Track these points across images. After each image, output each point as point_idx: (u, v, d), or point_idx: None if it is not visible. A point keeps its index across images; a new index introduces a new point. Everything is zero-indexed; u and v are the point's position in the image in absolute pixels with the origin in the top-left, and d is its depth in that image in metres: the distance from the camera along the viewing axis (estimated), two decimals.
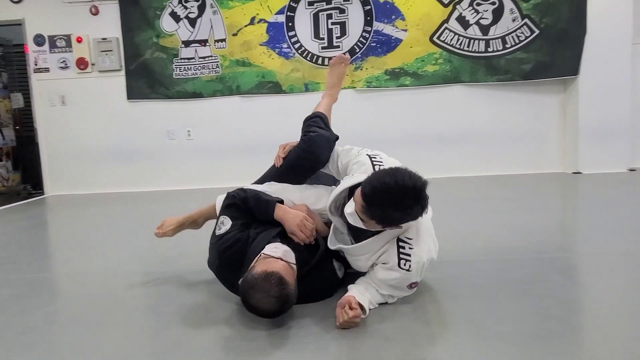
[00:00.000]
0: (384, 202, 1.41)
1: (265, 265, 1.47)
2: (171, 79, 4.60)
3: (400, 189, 1.39)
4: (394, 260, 1.58)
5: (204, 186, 4.63)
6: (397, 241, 1.57)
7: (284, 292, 1.42)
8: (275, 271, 1.44)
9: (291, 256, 1.56)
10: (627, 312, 1.57)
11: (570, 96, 4.34)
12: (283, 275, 1.44)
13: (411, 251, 1.57)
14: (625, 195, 3.45)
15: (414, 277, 1.59)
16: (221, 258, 1.69)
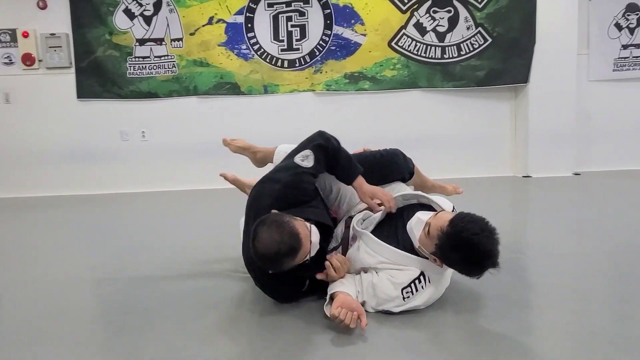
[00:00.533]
0: (459, 256, 1.44)
1: (294, 222, 1.48)
2: (125, 78, 4.44)
3: (481, 254, 1.42)
4: (402, 280, 1.56)
5: (159, 189, 4.50)
6: (421, 274, 1.57)
7: (290, 244, 1.43)
8: (296, 228, 1.45)
9: (316, 239, 1.55)
10: (574, 311, 1.64)
11: (521, 103, 4.52)
12: (301, 237, 1.45)
13: (422, 290, 1.56)
14: (570, 198, 3.62)
15: (398, 308, 1.57)
16: (289, 187, 1.67)
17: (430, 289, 1.58)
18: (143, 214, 3.60)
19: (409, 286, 1.56)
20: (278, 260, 1.46)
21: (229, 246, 2.56)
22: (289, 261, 1.47)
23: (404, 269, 1.58)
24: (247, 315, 1.67)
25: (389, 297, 1.57)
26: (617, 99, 4.56)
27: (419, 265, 1.58)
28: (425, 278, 1.57)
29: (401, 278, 1.57)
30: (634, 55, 4.50)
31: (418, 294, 1.57)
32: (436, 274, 1.58)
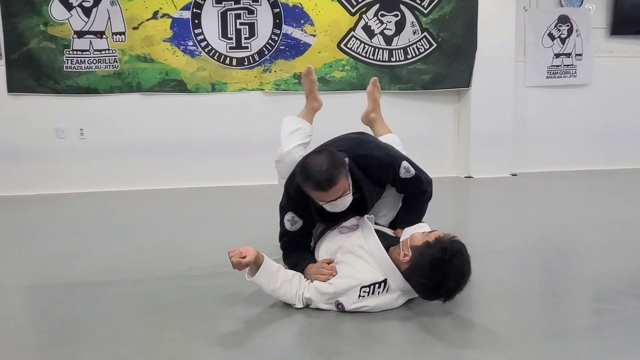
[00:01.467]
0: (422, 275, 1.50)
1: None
2: (61, 72, 4.19)
3: (442, 281, 1.47)
4: (365, 278, 1.60)
5: (99, 189, 4.29)
6: (384, 280, 1.61)
7: (334, 158, 1.64)
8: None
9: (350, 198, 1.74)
10: (511, 305, 1.72)
11: (463, 106, 4.71)
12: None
13: (377, 296, 1.60)
14: (508, 198, 3.81)
15: (352, 305, 1.60)
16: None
17: (386, 298, 1.61)
18: (81, 216, 3.41)
19: (368, 287, 1.59)
20: (329, 170, 1.60)
21: (173, 249, 2.49)
22: (337, 174, 1.61)
23: (371, 268, 1.62)
24: (193, 321, 1.63)
25: (347, 286, 1.60)
26: (550, 104, 4.85)
27: (387, 271, 1.61)
28: (386, 286, 1.61)
29: (364, 276, 1.60)
30: (565, 63, 4.80)
31: (373, 297, 1.60)
32: (398, 288, 1.61)
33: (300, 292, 1.68)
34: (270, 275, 1.66)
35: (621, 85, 4.88)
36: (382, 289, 1.60)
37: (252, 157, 4.50)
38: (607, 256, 2.25)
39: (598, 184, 4.16)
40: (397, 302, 1.64)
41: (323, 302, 1.64)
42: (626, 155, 4.96)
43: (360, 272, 1.62)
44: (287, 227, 1.87)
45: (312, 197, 1.72)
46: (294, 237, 1.89)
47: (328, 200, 1.67)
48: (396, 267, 1.61)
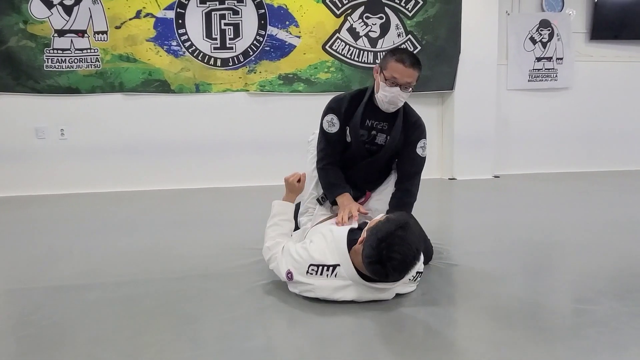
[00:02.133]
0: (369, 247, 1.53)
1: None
2: (41, 71, 4.12)
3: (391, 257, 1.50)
4: (316, 257, 1.67)
5: (79, 190, 4.22)
6: (335, 266, 1.65)
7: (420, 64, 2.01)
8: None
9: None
10: (491, 306, 1.74)
11: (447, 109, 4.75)
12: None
13: (322, 278, 1.66)
14: (491, 199, 3.86)
15: (298, 276, 1.69)
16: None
17: (332, 282, 1.65)
18: (61, 218, 3.35)
19: (316, 266, 1.66)
20: (416, 58, 1.98)
21: (157, 251, 2.46)
22: (421, 67, 1.99)
23: (325, 249, 1.66)
24: (176, 324, 1.61)
25: (299, 259, 1.69)
26: (531, 107, 4.93)
27: (341, 257, 1.64)
28: (335, 271, 1.64)
29: (315, 254, 1.67)
30: (546, 67, 4.89)
31: (320, 278, 1.65)
32: (348, 276, 1.64)
33: (275, 248, 1.83)
34: (283, 213, 1.94)
35: (600, 89, 4.99)
36: (330, 272, 1.64)
37: (236, 159, 4.49)
38: (587, 257, 2.29)
39: (578, 186, 4.24)
40: (346, 291, 1.65)
41: (284, 262, 1.75)
42: (605, 157, 5.07)
43: (315, 250, 1.68)
44: (325, 128, 2.07)
45: (388, 69, 1.94)
46: (330, 149, 2.08)
47: (399, 79, 1.92)
48: (349, 255, 1.63)
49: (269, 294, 1.82)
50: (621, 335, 1.49)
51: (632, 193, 3.94)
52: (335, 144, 2.09)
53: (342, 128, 2.06)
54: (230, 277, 2.04)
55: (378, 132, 2.09)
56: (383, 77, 1.96)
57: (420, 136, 2.10)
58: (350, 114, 2.06)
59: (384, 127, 2.07)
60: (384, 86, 1.96)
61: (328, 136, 2.08)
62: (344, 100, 2.08)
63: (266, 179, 4.49)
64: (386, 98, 1.97)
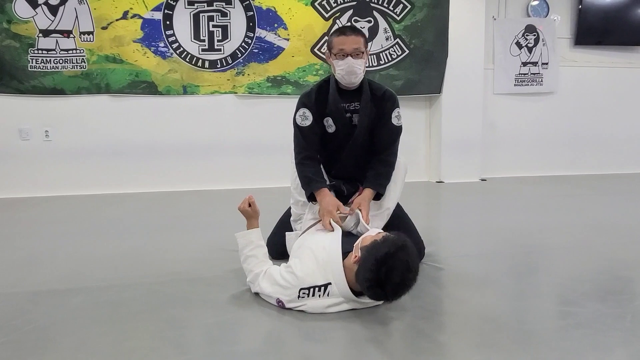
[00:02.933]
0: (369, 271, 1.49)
1: None
2: (25, 72, 4.06)
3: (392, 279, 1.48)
4: (306, 280, 1.63)
5: (64, 193, 4.16)
6: (327, 284, 1.62)
7: (362, 31, 2.09)
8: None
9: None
10: (479, 309, 1.75)
11: (434, 112, 4.79)
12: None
13: (316, 299, 1.63)
14: (477, 202, 3.89)
15: (290, 304, 1.65)
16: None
17: (325, 301, 1.62)
18: (45, 221, 3.30)
19: (307, 289, 1.62)
20: (354, 27, 2.04)
21: (142, 255, 2.43)
22: (362, 33, 2.02)
23: (315, 269, 1.63)
24: (161, 329, 1.59)
25: (288, 285, 1.65)
26: (517, 111, 4.99)
27: (335, 275, 1.61)
28: (327, 290, 1.61)
29: (305, 277, 1.63)
30: (532, 72, 4.95)
31: (313, 299, 1.62)
32: (341, 294, 1.62)
33: (256, 280, 1.77)
34: (249, 243, 1.84)
35: (584, 94, 5.07)
36: (322, 292, 1.61)
37: (224, 161, 4.46)
38: (571, 259, 2.32)
39: (562, 189, 4.30)
40: (335, 308, 1.64)
41: (271, 290, 1.70)
42: (588, 161, 5.15)
43: (304, 272, 1.64)
44: (299, 122, 2.07)
45: (333, 47, 1.98)
46: (306, 143, 2.06)
47: (346, 49, 1.94)
48: (344, 275, 1.61)
49: (257, 298, 1.81)
50: (605, 336, 1.51)
51: (614, 196, 4.00)
52: (310, 137, 2.08)
53: (315, 120, 2.07)
54: (217, 281, 2.02)
55: (352, 114, 2.10)
56: (333, 57, 2.01)
57: (393, 106, 2.12)
58: (323, 104, 2.07)
59: (356, 107, 2.08)
60: (337, 62, 1.99)
61: (302, 130, 2.08)
62: (312, 92, 2.10)
63: (254, 182, 4.48)
64: (343, 71, 1.99)
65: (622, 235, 2.77)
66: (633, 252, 2.41)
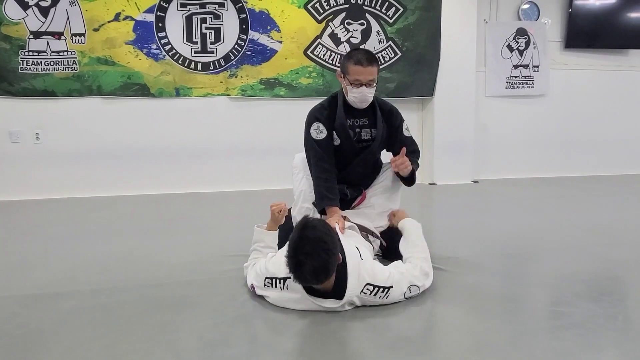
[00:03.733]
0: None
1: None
2: (16, 74, 4.02)
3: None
4: (269, 271, 1.78)
5: (55, 196, 4.12)
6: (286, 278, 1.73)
7: (376, 56, 2.17)
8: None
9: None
10: (473, 310, 1.76)
11: (427, 114, 4.81)
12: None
13: (271, 289, 1.76)
14: (470, 204, 3.91)
15: (257, 289, 1.81)
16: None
17: (285, 294, 1.71)
18: (36, 224, 3.26)
19: (270, 279, 1.74)
20: (372, 54, 2.12)
21: (135, 258, 2.42)
22: (376, 60, 2.11)
23: (280, 262, 1.69)
24: (155, 332, 1.58)
25: (260, 273, 1.79)
26: (509, 113, 5.03)
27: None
28: (286, 284, 1.70)
29: (271, 267, 1.76)
30: (523, 74, 4.99)
31: (274, 290, 1.73)
32: (298, 289, 1.66)
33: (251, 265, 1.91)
34: (260, 240, 1.98)
35: (575, 96, 5.12)
36: (282, 284, 1.70)
37: (217, 164, 4.45)
38: (564, 260, 2.34)
39: (554, 191, 4.33)
40: (297, 304, 1.68)
41: (250, 276, 1.86)
42: (579, 162, 5.19)
43: (273, 263, 1.76)
44: (314, 136, 2.17)
45: (349, 74, 2.08)
46: (323, 154, 2.16)
47: (362, 79, 2.04)
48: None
49: (250, 300, 1.80)
50: (598, 336, 1.52)
51: (605, 198, 4.04)
52: (326, 149, 2.19)
53: (329, 133, 2.18)
54: (210, 284, 2.01)
55: (362, 129, 2.23)
56: (348, 82, 2.11)
57: (401, 120, 2.29)
58: (332, 120, 2.19)
59: (364, 122, 2.22)
60: (351, 89, 2.11)
61: (319, 143, 2.18)
62: (322, 108, 2.22)
63: (247, 184, 4.47)
64: (357, 99, 2.12)
65: (613, 236, 2.79)
66: (624, 252, 2.44)
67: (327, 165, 2.18)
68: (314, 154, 2.19)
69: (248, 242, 2.05)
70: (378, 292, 1.69)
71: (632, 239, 2.72)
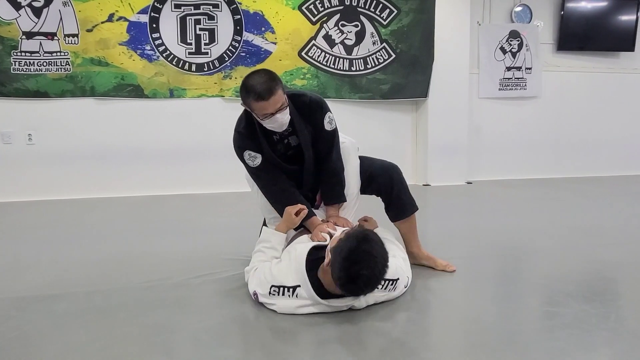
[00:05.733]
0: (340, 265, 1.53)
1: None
2: (8, 74, 3.99)
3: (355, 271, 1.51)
4: (278, 279, 1.71)
5: (47, 197, 4.09)
6: (296, 287, 1.68)
7: (270, 74, 1.87)
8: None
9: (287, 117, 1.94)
10: (468, 311, 1.77)
11: (421, 116, 4.83)
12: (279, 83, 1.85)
13: (284, 298, 1.69)
14: (464, 205, 3.93)
15: (261, 298, 1.74)
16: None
17: (294, 302, 1.66)
18: (29, 226, 3.24)
19: (277, 288, 1.68)
20: (267, 82, 1.82)
21: (129, 260, 2.41)
22: (275, 86, 1.83)
23: (288, 271, 1.68)
24: (149, 334, 1.58)
25: (264, 280, 1.72)
26: (502, 115, 5.06)
27: (300, 279, 1.65)
28: (295, 292, 1.66)
29: (278, 275, 1.70)
30: (516, 76, 5.03)
31: (282, 298, 1.67)
32: (308, 296, 1.65)
33: (251, 271, 1.84)
34: (266, 241, 1.91)
35: (567, 98, 5.16)
36: (292, 293, 1.66)
37: (211, 165, 4.44)
38: (556, 261, 2.36)
39: (546, 192, 4.36)
40: (304, 309, 1.67)
41: (253, 283, 1.78)
42: (571, 164, 5.23)
43: (278, 270, 1.71)
44: (251, 165, 2.02)
45: (255, 110, 1.87)
46: (265, 173, 2.02)
47: (270, 111, 1.83)
48: (308, 279, 1.64)
49: (244, 302, 1.80)
50: (591, 336, 1.54)
51: (597, 199, 4.08)
52: (270, 170, 2.03)
53: (262, 156, 2.00)
54: (204, 286, 2.01)
55: (287, 137, 2.04)
56: (256, 115, 1.90)
57: (322, 114, 2.04)
58: (257, 142, 2.00)
59: (289, 129, 2.00)
60: (264, 121, 1.89)
61: (260, 169, 2.02)
62: (242, 135, 2.02)
63: (241, 186, 4.44)
64: (275, 127, 1.91)
65: (606, 237, 2.82)
66: (616, 253, 2.46)
67: (281, 185, 2.02)
68: (261, 183, 2.06)
69: (242, 243, 2.06)
70: (388, 285, 1.73)
71: (623, 240, 2.74)
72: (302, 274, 1.65)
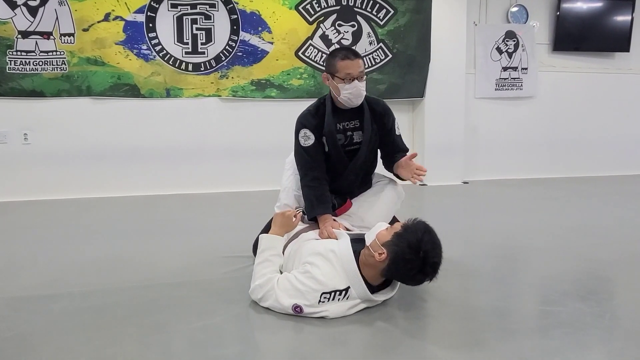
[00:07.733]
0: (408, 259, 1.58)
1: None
2: (4, 74, 3.97)
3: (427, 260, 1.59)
4: (327, 284, 1.62)
5: (43, 197, 4.08)
6: (347, 288, 1.64)
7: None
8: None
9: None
10: (464, 310, 1.78)
11: (418, 116, 4.84)
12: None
13: (337, 303, 1.63)
14: (460, 205, 3.94)
15: (308, 308, 1.63)
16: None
17: (345, 305, 1.63)
18: (25, 226, 3.23)
19: (329, 293, 1.61)
20: (354, 49, 2.08)
21: (125, 259, 2.41)
22: (359, 54, 2.09)
23: (336, 274, 1.62)
24: (146, 334, 1.57)
25: (309, 290, 1.60)
26: (498, 115, 5.07)
27: (352, 279, 1.63)
28: (347, 294, 1.62)
29: (327, 281, 1.61)
30: (512, 77, 5.04)
31: (333, 303, 1.61)
32: (358, 296, 1.64)
33: (268, 284, 1.70)
34: (272, 247, 1.82)
35: (562, 98, 5.19)
36: (343, 296, 1.62)
37: (208, 165, 4.43)
38: (552, 260, 2.37)
39: (542, 192, 4.38)
40: (354, 309, 1.66)
41: (285, 296, 1.63)
42: (567, 164, 5.26)
43: (324, 276, 1.61)
44: (302, 143, 2.11)
45: (339, 71, 2.03)
46: (312, 162, 2.11)
47: (353, 72, 2.01)
48: (361, 276, 1.63)
49: (241, 302, 1.80)
50: (586, 335, 1.55)
51: (592, 198, 4.10)
52: (315, 156, 2.13)
53: (317, 139, 2.12)
54: (201, 285, 2.01)
55: (353, 132, 2.17)
56: (338, 79, 2.07)
57: (394, 120, 2.27)
58: (321, 125, 2.13)
59: (356, 125, 2.16)
60: (344, 85, 2.05)
61: (307, 150, 2.12)
62: (309, 114, 2.16)
63: (238, 185, 4.46)
64: (352, 94, 2.06)
65: (601, 236, 2.83)
66: (611, 252, 2.48)
67: (317, 173, 2.11)
68: (302, 162, 2.14)
69: (239, 244, 2.06)
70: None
71: (618, 239, 2.76)
72: (354, 272, 1.63)
